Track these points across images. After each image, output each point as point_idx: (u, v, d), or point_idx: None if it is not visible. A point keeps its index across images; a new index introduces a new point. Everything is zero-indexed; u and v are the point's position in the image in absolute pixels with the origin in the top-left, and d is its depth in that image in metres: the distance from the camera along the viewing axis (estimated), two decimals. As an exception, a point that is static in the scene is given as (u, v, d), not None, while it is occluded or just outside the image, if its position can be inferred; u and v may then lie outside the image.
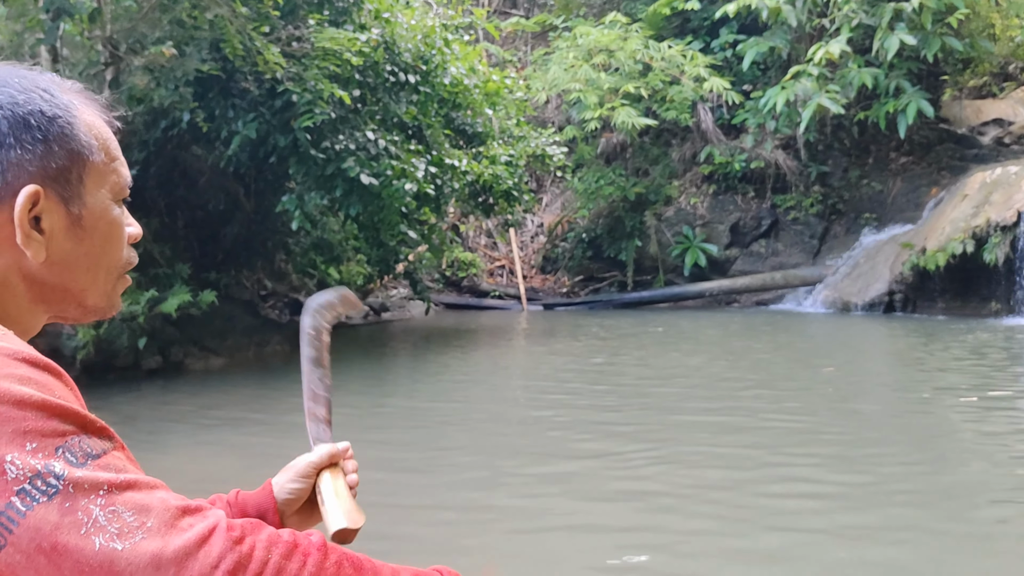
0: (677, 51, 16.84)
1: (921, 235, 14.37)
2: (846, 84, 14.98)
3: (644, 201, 17.57)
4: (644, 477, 4.71)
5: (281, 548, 0.77)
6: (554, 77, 16.92)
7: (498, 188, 11.34)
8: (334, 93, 7.96)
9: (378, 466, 4.69)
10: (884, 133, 16.02)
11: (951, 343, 10.21)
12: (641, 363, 9.26)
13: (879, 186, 16.83)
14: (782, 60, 16.64)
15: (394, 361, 10.13)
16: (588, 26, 17.70)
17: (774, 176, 16.96)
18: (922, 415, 6.49)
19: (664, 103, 16.91)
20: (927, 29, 14.43)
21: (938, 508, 4.25)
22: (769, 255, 17.20)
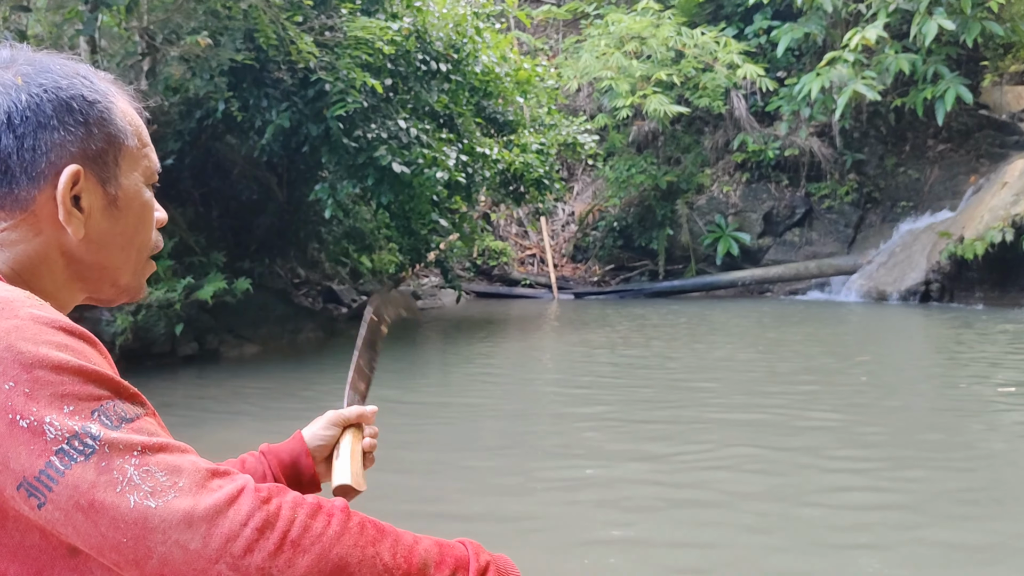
0: (710, 38, 16.67)
1: (959, 224, 14.11)
2: (883, 70, 14.72)
3: (676, 190, 17.45)
4: (684, 484, 4.50)
5: (307, 508, 0.79)
6: (585, 65, 16.84)
7: (529, 176, 11.33)
8: (366, 82, 8.00)
9: (400, 467, 4.68)
10: (921, 120, 15.73)
11: (990, 333, 10.03)
12: (673, 355, 9.22)
13: (916, 174, 16.54)
14: (817, 46, 16.39)
15: (425, 350, 10.19)
16: (620, 13, 17.57)
17: (808, 164, 16.75)
18: (961, 407, 6.39)
19: (696, 90, 16.76)
20: (966, 13, 14.11)
21: (988, 509, 4.19)
22: (803, 244, 17.01)
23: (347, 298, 13.39)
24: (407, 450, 5.15)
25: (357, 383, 1.39)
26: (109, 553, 0.74)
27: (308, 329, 10.23)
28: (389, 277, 14.15)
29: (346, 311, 12.91)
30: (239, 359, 8.92)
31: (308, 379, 7.71)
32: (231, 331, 9.17)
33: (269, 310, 9.86)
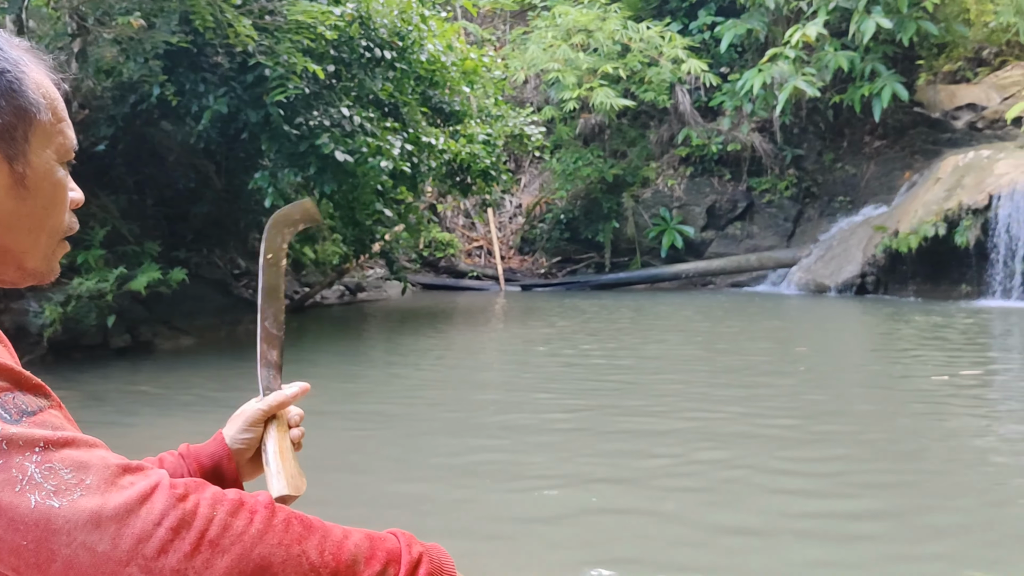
0: (655, 32, 16.82)
1: (894, 218, 14.50)
2: (822, 67, 15.03)
3: (622, 183, 17.58)
4: (612, 480, 4.37)
5: (227, 505, 0.75)
6: (532, 56, 16.83)
7: (476, 167, 11.26)
8: (307, 68, 7.84)
9: (343, 466, 4.63)
10: (859, 116, 16.12)
11: (922, 325, 10.32)
12: (616, 346, 9.27)
13: (853, 169, 16.96)
14: (759, 43, 16.66)
15: (369, 343, 10.08)
16: (567, 6, 17.61)
17: (750, 159, 17.03)
18: (895, 397, 6.55)
19: (642, 84, 16.90)
20: (903, 13, 14.49)
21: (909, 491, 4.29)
22: (744, 237, 17.31)
23: (288, 290, 13.17)
24: (344, 445, 5.07)
25: (268, 353, 1.29)
26: (8, 557, 0.69)
27: (247, 320, 10.01)
28: (333, 268, 13.96)
29: (287, 302, 12.69)
30: (175, 351, 8.69)
31: (246, 371, 7.49)
32: (166, 323, 8.93)
33: (206, 301, 9.64)
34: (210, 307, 9.67)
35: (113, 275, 7.50)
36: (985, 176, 13.43)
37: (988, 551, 3.42)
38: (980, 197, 13.02)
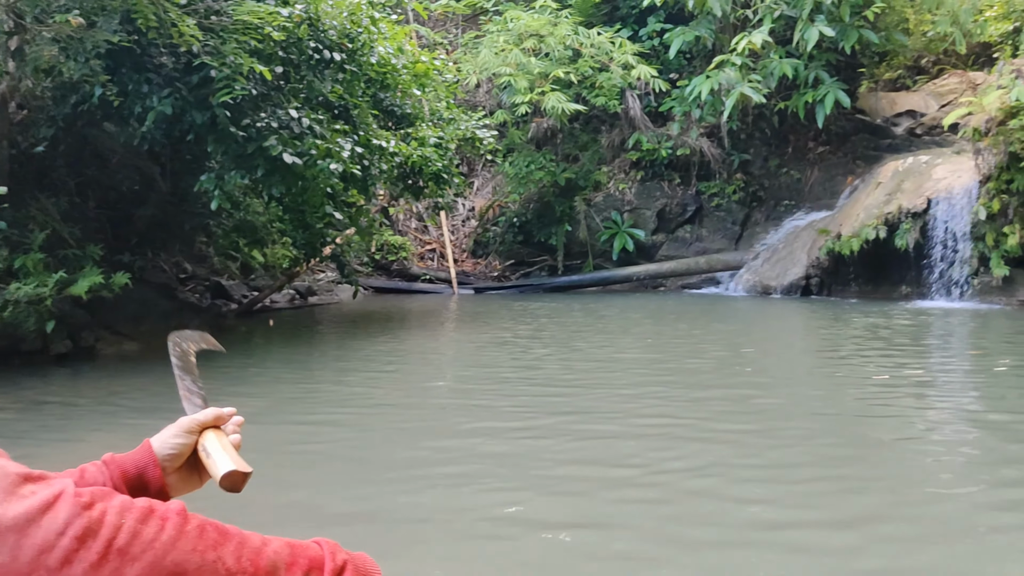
0: (606, 38, 16.99)
1: (837, 221, 14.85)
2: (767, 74, 15.33)
3: (574, 186, 17.71)
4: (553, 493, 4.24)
5: (136, 513, 0.73)
6: (484, 60, 16.87)
7: (428, 170, 11.24)
8: (255, 69, 7.76)
9: (289, 479, 4.57)
10: (803, 123, 16.47)
11: (864, 325, 10.59)
12: (570, 349, 9.33)
13: (798, 174, 17.34)
14: (707, 50, 16.93)
15: (320, 348, 9.99)
16: (519, 10, 17.69)
17: (698, 163, 17.29)
18: (839, 397, 6.71)
19: (593, 89, 17.06)
20: (845, 21, 14.86)
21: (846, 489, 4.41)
22: (694, 240, 17.57)
23: (237, 293, 13.00)
24: (291, 456, 5.02)
25: (191, 394, 1.35)
26: None
27: (193, 325, 9.80)
28: (282, 272, 13.82)
29: (236, 307, 12.53)
30: (118, 357, 8.51)
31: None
32: (109, 328, 8.75)
33: (151, 306, 9.46)
34: (155, 311, 9.49)
35: (53, 279, 7.32)
36: (924, 181, 13.84)
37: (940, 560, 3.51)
38: (919, 201, 13.41)
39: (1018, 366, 7.64)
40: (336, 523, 3.83)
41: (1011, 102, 12.17)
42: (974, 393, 6.81)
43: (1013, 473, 4.47)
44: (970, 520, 3.80)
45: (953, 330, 10.37)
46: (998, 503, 4.02)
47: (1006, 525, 3.72)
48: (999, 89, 12.57)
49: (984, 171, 12.81)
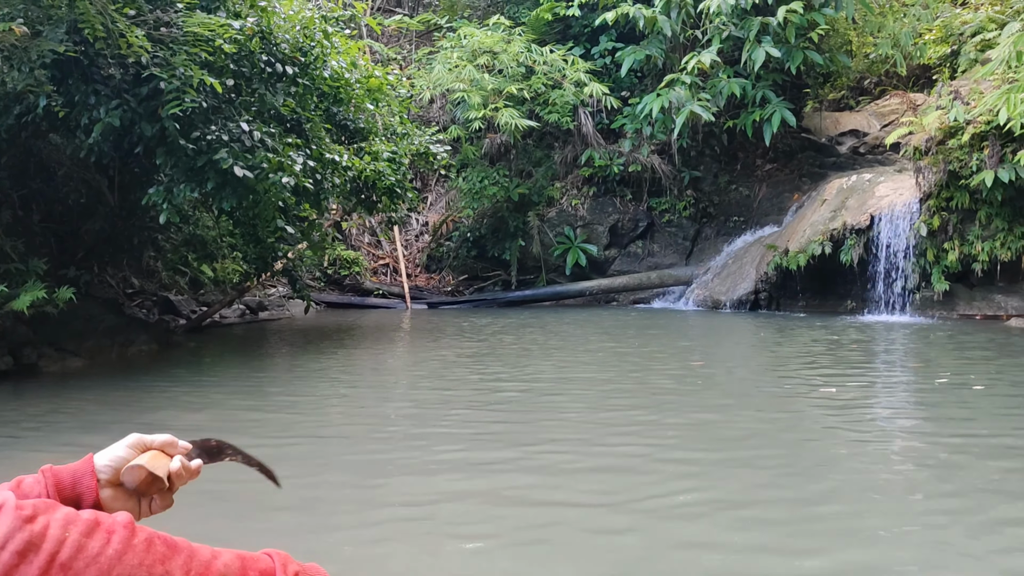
0: (559, 56, 17.19)
1: (784, 237, 15.18)
2: (716, 93, 15.65)
3: (527, 202, 17.83)
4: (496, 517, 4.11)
5: (81, 526, 0.72)
6: (438, 76, 16.93)
7: (381, 185, 11.22)
8: (205, 81, 7.68)
9: (232, 507, 4.46)
10: (751, 141, 16.85)
11: (811, 339, 10.82)
12: (524, 365, 9.36)
13: (746, 191, 17.70)
14: (658, 68, 17.23)
15: (270, 366, 9.86)
16: (472, 27, 17.81)
17: (650, 180, 17.55)
18: (788, 411, 6.84)
19: (546, 106, 17.23)
20: (791, 43, 15.27)
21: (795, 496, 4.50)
22: (645, 255, 17.80)
23: (186, 309, 12.78)
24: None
25: (212, 449, 1.33)
26: None
27: (141, 342, 9.66)
28: (233, 287, 13.63)
29: (184, 322, 12.32)
30: (61, 374, 8.30)
31: (137, 395, 7.27)
32: (52, 344, 8.53)
33: (97, 321, 9.25)
34: (101, 327, 9.28)
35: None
36: (867, 198, 14.24)
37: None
38: (862, 218, 13.78)
39: (958, 378, 7.88)
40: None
41: (950, 122, 12.62)
42: (917, 405, 7.01)
43: (948, 487, 4.62)
44: (916, 531, 3.92)
45: (896, 343, 10.65)
46: (937, 509, 4.15)
47: (943, 531, 3.84)
48: (938, 110, 13.01)
49: (924, 189, 13.23)
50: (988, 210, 12.67)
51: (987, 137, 12.27)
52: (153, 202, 8.39)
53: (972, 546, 3.65)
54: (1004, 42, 9.02)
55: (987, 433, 5.64)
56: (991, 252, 12.69)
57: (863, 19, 17.08)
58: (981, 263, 12.80)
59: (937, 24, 16.37)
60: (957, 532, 3.81)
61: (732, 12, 15.09)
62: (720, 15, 15.06)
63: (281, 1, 9.45)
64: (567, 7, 17.92)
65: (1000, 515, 4.03)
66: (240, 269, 13.17)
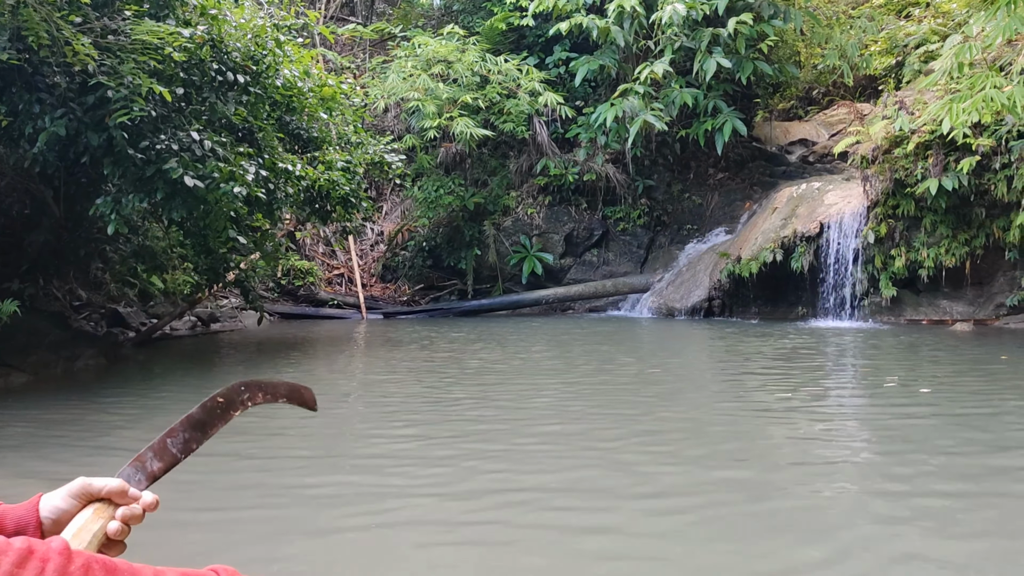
0: (513, 65, 17.25)
1: (736, 245, 15.41)
2: (669, 103, 15.86)
3: (483, 211, 17.83)
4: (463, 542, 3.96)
5: (12, 556, 0.70)
6: (392, 85, 16.87)
7: (335, 194, 11.11)
8: (154, 89, 7.54)
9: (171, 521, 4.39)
10: (703, 150, 17.10)
11: (764, 345, 10.99)
12: (480, 375, 9.33)
13: (699, 199, 17.94)
14: (611, 78, 17.40)
15: (222, 380, 9.69)
16: (427, 37, 17.79)
17: (604, 189, 17.69)
18: (746, 417, 6.92)
19: (501, 115, 17.27)
20: (741, 54, 15.55)
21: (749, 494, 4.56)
22: (601, 264, 17.92)
23: (135, 321, 12.50)
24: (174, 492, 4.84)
25: (149, 460, 1.16)
26: None
27: (88, 356, 9.41)
28: (183, 298, 13.37)
29: (134, 335, 12.05)
30: (5, 390, 8.04)
31: (83, 412, 7.07)
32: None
33: (42, 335, 9.00)
34: (46, 341, 9.03)
35: (-68, 308, 6.89)
36: (816, 206, 14.53)
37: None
38: (812, 226, 14.06)
39: (906, 382, 8.07)
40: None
41: (895, 132, 12.95)
42: (867, 408, 7.15)
43: (897, 487, 4.71)
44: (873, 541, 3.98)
45: (846, 349, 10.87)
46: (886, 510, 4.23)
47: (893, 528, 3.91)
48: (884, 119, 13.35)
49: (872, 197, 13.54)
50: (933, 217, 13.02)
51: (931, 146, 12.62)
52: (100, 213, 8.20)
53: (922, 546, 3.72)
54: (946, 54, 9.28)
55: (935, 435, 5.78)
56: (936, 258, 13.04)
57: (811, 30, 17.47)
58: (927, 269, 13.15)
59: (882, 36, 16.80)
60: (905, 532, 3.89)
61: (684, 23, 15.32)
62: (672, 26, 15.28)
63: (232, 9, 9.33)
64: (521, 17, 18.01)
65: (945, 518, 4.12)
66: (191, 280, 12.93)
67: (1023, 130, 11.72)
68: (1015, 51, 11.64)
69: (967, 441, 5.59)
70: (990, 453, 5.29)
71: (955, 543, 3.77)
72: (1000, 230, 12.56)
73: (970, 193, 12.40)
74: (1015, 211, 12.06)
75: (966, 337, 11.59)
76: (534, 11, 17.15)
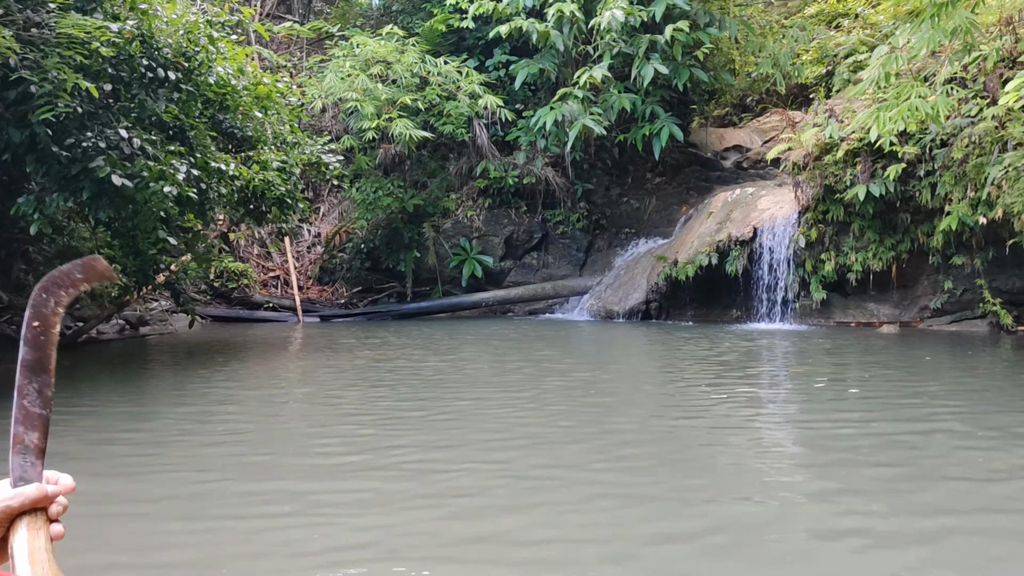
0: (453, 67, 17.20)
1: (673, 249, 15.64)
2: (608, 107, 16.02)
3: (422, 213, 17.73)
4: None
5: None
6: (330, 85, 16.64)
7: (270, 195, 10.90)
8: (80, 85, 7.28)
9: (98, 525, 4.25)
10: (641, 154, 17.32)
11: (699, 347, 11.17)
12: (419, 381, 9.26)
13: (637, 203, 18.16)
14: (551, 82, 17.49)
15: (151, 382, 9.41)
16: (365, 37, 17.61)
17: (544, 192, 17.76)
18: (683, 417, 7.01)
19: (441, 117, 17.20)
20: (678, 60, 15.80)
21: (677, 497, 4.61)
22: (540, 267, 17.99)
23: (60, 325, 12.05)
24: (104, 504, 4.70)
25: (25, 436, 1.06)
26: None
27: (9, 360, 9.04)
28: (111, 301, 12.96)
29: (60, 338, 11.60)
30: (-82, 396, 7.67)
31: (1, 421, 6.77)
32: (-93, 364, 7.87)
33: (-42, 339, 8.60)
34: (-38, 346, 8.64)
35: None
36: (750, 211, 14.84)
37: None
38: (746, 230, 14.35)
39: (835, 382, 8.29)
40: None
41: (825, 139, 13.31)
42: (798, 407, 7.31)
43: (830, 484, 4.83)
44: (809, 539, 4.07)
45: (778, 350, 11.12)
46: (818, 503, 4.33)
47: (827, 524, 4.01)
48: (815, 127, 13.71)
49: (803, 202, 13.89)
50: (861, 223, 13.42)
51: (859, 153, 13.01)
52: (23, 212, 7.89)
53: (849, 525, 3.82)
54: (874, 63, 9.58)
55: (862, 431, 5.94)
56: (864, 262, 13.44)
57: (745, 39, 17.86)
58: (855, 273, 13.54)
59: (813, 45, 17.27)
60: (835, 524, 3.99)
61: (622, 29, 15.49)
62: (611, 32, 15.43)
63: (164, 4, 9.08)
64: (461, 19, 17.97)
65: (879, 505, 4.24)
66: (119, 282, 12.53)
67: (946, 139, 12.17)
68: (939, 62, 12.09)
69: (893, 434, 5.77)
70: (916, 448, 5.46)
71: (882, 520, 3.87)
72: (924, 235, 13.01)
73: (896, 199, 12.82)
74: (938, 217, 12.51)
75: (892, 339, 11.97)
76: (474, 13, 17.13)
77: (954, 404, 7.09)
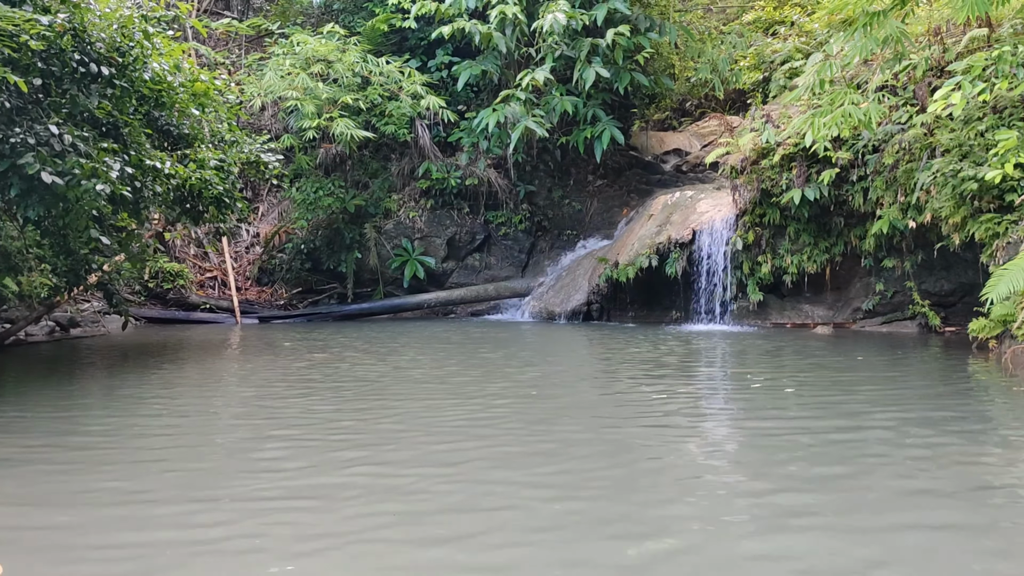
0: (395, 67, 17.10)
1: (614, 251, 15.82)
2: (550, 110, 16.12)
3: (364, 214, 17.58)
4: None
5: None
6: (270, 83, 16.39)
7: (208, 194, 10.68)
8: (8, 79, 7.03)
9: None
10: (583, 157, 17.47)
11: (639, 348, 11.31)
12: (360, 384, 9.17)
13: (579, 205, 18.32)
14: (493, 84, 17.53)
15: (81, 386, 9.12)
16: (306, 35, 17.39)
17: (487, 193, 17.79)
18: (608, 412, 7.09)
19: (383, 117, 17.09)
20: (619, 64, 16.00)
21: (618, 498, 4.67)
22: (483, 268, 18.00)
23: (-16, 327, 11.61)
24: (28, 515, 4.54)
25: None
26: None
27: (-70, 364, 8.65)
28: (40, 302, 12.53)
29: (-17, 342, 11.18)
30: None
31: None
32: None
33: None
34: None
35: None
36: (689, 214, 15.10)
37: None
38: (685, 232, 14.60)
39: (771, 382, 8.48)
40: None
41: (762, 144, 13.62)
42: (735, 407, 7.46)
43: (767, 484, 4.94)
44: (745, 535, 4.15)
45: (716, 351, 11.33)
46: (754, 503, 4.43)
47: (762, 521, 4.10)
48: (752, 132, 14.02)
49: (740, 206, 14.19)
50: (796, 226, 13.77)
51: (795, 158, 13.35)
52: (-56, 210, 7.58)
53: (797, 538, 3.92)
54: (809, 71, 9.87)
55: (798, 429, 6.10)
56: (799, 265, 13.80)
57: (685, 44, 18.16)
58: (791, 275, 13.89)
59: (751, 52, 17.65)
60: (773, 520, 4.09)
61: (564, 32, 15.61)
62: (553, 35, 15.54)
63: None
64: (403, 19, 17.88)
65: (808, 502, 4.36)
66: (49, 283, 12.12)
67: (877, 145, 12.57)
68: (871, 70, 12.49)
69: (829, 432, 5.93)
70: (852, 445, 5.63)
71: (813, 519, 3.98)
72: (857, 239, 13.42)
73: (830, 203, 13.19)
74: (870, 221, 12.91)
75: (826, 339, 12.31)
76: (416, 14, 17.05)
77: (887, 402, 7.33)
